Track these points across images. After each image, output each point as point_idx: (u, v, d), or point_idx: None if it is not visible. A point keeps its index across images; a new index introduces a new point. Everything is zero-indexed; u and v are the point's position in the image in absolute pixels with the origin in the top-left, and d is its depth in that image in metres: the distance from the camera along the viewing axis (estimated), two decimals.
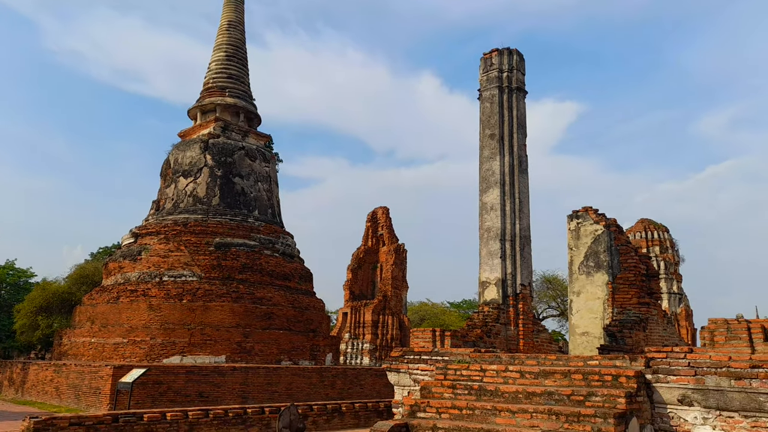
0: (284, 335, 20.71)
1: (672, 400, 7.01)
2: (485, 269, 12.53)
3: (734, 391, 6.55)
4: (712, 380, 6.72)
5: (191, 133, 25.60)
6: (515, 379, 8.04)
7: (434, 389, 8.37)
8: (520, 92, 13.20)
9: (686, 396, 6.89)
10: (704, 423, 6.74)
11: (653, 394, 7.15)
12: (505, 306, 12.02)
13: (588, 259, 13.91)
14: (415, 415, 7.92)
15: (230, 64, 26.26)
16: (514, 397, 7.64)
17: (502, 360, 8.63)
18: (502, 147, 12.80)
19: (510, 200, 12.62)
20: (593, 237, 13.99)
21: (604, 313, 13.09)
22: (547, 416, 6.92)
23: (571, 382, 7.54)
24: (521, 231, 12.63)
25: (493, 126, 12.94)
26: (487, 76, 13.27)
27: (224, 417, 12.42)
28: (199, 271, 20.76)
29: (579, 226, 14.31)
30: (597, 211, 14.37)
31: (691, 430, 6.80)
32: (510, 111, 12.92)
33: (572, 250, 14.25)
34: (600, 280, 13.50)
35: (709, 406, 6.71)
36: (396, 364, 9.97)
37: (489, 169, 12.89)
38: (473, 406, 7.60)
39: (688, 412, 6.87)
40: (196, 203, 22.97)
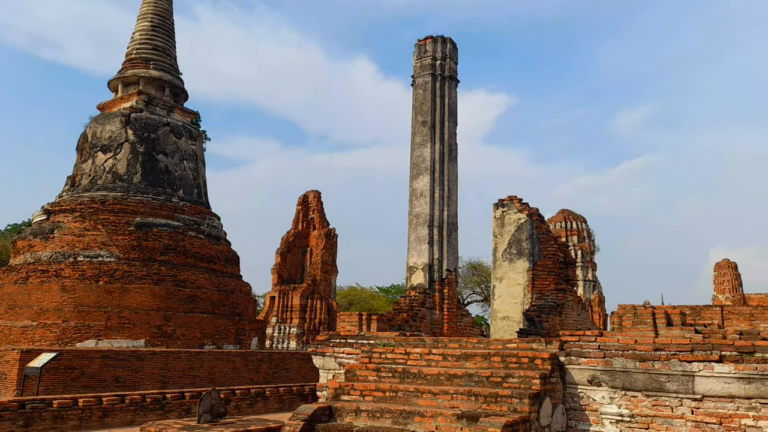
0: (208, 319, 20.18)
1: (582, 381, 7.41)
2: (413, 254, 12.71)
3: (638, 372, 7.01)
4: (619, 362, 7.16)
5: (112, 106, 24.18)
6: (438, 362, 8.23)
7: (359, 372, 8.42)
8: (453, 81, 13.38)
9: (595, 377, 7.30)
10: (611, 402, 7.18)
11: (566, 375, 7.53)
12: (431, 291, 12.26)
13: (511, 247, 14.40)
14: (339, 398, 7.95)
15: (156, 35, 24.95)
16: (437, 379, 7.82)
17: (426, 343, 8.80)
18: (433, 134, 12.95)
19: (439, 187, 12.82)
20: (517, 225, 14.49)
21: (524, 298, 13.64)
22: (467, 397, 7.14)
23: (490, 364, 7.80)
24: (449, 218, 12.88)
25: (426, 113, 13.05)
26: (420, 63, 13.34)
27: (141, 402, 11.98)
28: (118, 251, 19.78)
29: (504, 215, 14.77)
30: (521, 200, 14.89)
31: (599, 408, 7.23)
32: (442, 99, 13.08)
33: (497, 238, 14.71)
34: (521, 267, 14.03)
35: (616, 386, 7.15)
36: (322, 348, 9.95)
37: (420, 155, 13.01)
38: (396, 389, 7.71)
39: (597, 392, 7.29)
40: (116, 180, 21.80)
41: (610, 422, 7.09)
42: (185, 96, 25.82)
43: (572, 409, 7.44)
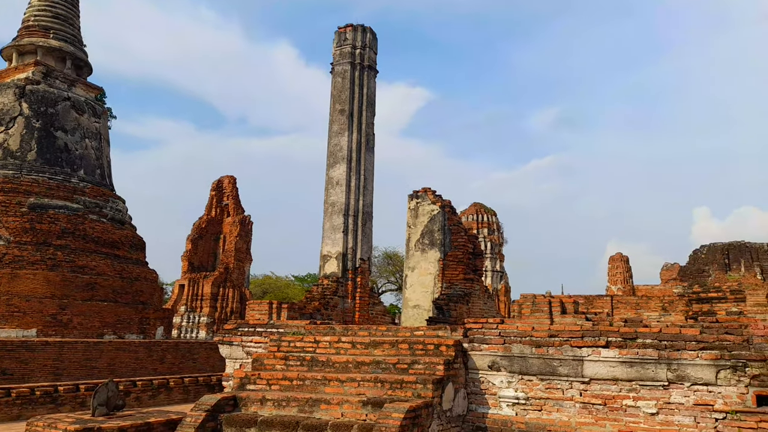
0: (109, 307, 19.09)
1: (483, 366, 7.73)
2: (327, 243, 12.68)
3: (534, 357, 7.41)
4: (517, 348, 7.54)
5: (4, 76, 22.09)
6: (347, 350, 8.28)
7: (266, 361, 8.31)
8: (372, 70, 13.41)
9: (495, 362, 7.65)
10: (509, 386, 7.55)
11: (468, 361, 7.83)
12: (345, 279, 12.30)
13: (424, 237, 14.72)
14: (245, 388, 7.81)
15: (57, 2, 23.08)
16: (345, 367, 7.87)
17: (336, 331, 8.83)
18: (351, 123, 12.94)
19: (356, 176, 12.84)
20: (430, 216, 14.83)
21: (435, 287, 14.01)
22: (374, 384, 7.25)
23: (398, 351, 7.95)
24: (364, 207, 12.95)
25: (344, 101, 13.01)
26: (340, 51, 13.26)
27: (30, 396, 11.18)
28: (8, 234, 18.22)
29: (418, 206, 15.06)
30: (435, 192, 15.23)
31: (498, 392, 7.58)
32: (361, 88, 13.08)
33: (410, 228, 14.98)
34: (433, 257, 14.38)
35: (514, 371, 7.53)
36: (229, 337, 9.71)
37: (337, 144, 12.97)
38: (304, 377, 7.69)
39: (496, 377, 7.64)
40: (7, 157, 20.03)
41: (507, 405, 7.46)
42: (89, 70, 24.11)
43: (473, 393, 7.75)
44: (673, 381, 6.66)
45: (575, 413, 7.07)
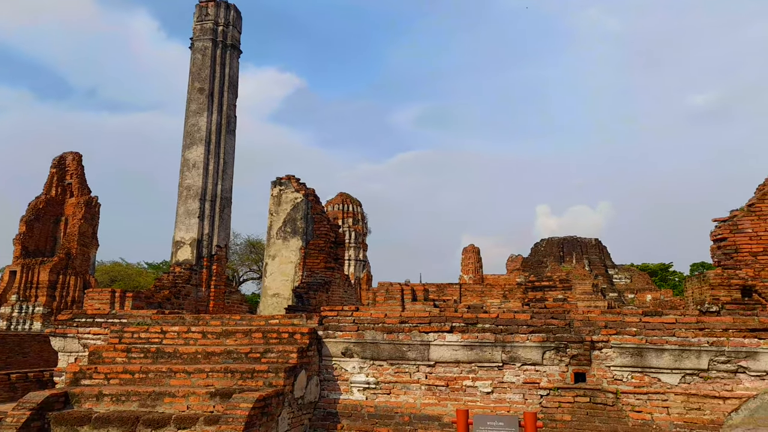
0: None
1: (337, 353, 7.85)
2: (181, 228, 12.01)
3: (385, 343, 7.68)
4: (370, 334, 7.75)
5: None
6: (196, 340, 7.94)
7: (105, 354, 7.69)
8: (235, 50, 12.89)
9: (348, 348, 7.80)
10: (360, 371, 7.75)
11: (322, 348, 7.90)
12: (199, 267, 11.76)
13: (286, 225, 14.55)
14: (79, 383, 7.17)
15: None
16: (193, 358, 7.54)
17: (186, 321, 8.42)
18: (211, 103, 12.35)
19: (214, 159, 12.30)
20: (293, 204, 14.68)
21: (295, 276, 13.92)
22: (224, 374, 7.03)
23: (251, 340, 7.79)
24: (223, 192, 12.46)
25: (204, 80, 12.36)
26: (201, 26, 12.56)
27: None
28: None
29: (281, 193, 14.83)
30: (299, 180, 15.10)
31: (350, 378, 7.75)
32: (222, 68, 12.52)
33: (272, 216, 14.71)
34: (294, 245, 14.27)
35: (366, 356, 7.74)
36: (63, 329, 8.84)
37: (195, 124, 12.31)
38: (148, 369, 7.24)
39: (349, 363, 7.80)
40: None
41: (358, 390, 7.65)
42: None
43: (326, 380, 7.84)
44: (506, 362, 7.28)
45: (421, 395, 7.45)
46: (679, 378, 6.67)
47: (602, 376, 6.97)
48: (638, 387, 6.78)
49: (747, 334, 6.53)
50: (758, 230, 10.42)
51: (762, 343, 6.43)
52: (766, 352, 6.41)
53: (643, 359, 6.82)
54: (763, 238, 10.41)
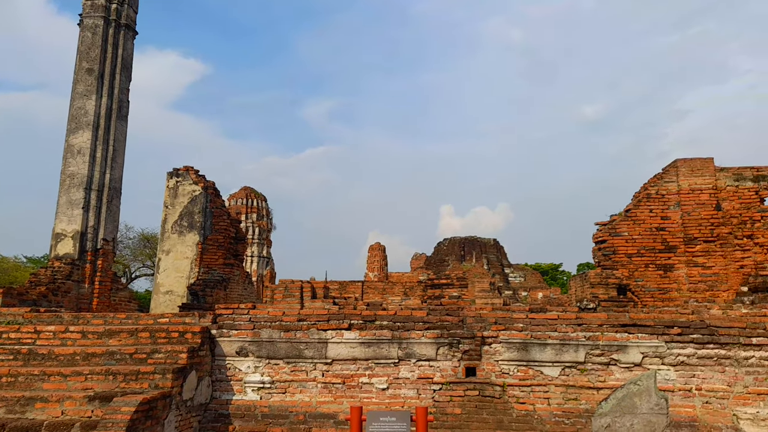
0: None
1: (231, 353, 7.60)
2: (62, 220, 11.08)
3: (282, 341, 7.54)
4: (267, 333, 7.58)
5: None
6: (75, 341, 7.37)
7: None
8: (130, 30, 12.09)
9: (244, 348, 7.58)
10: (255, 371, 7.55)
11: (216, 347, 7.61)
12: (82, 262, 10.91)
13: (183, 219, 13.90)
14: None
15: None
16: (71, 360, 6.99)
17: (64, 320, 7.79)
18: (100, 86, 11.49)
19: (102, 146, 11.46)
20: (191, 197, 14.05)
21: (191, 272, 13.34)
22: (104, 377, 6.57)
23: (137, 340, 7.34)
24: (112, 182, 11.65)
25: (93, 60, 11.48)
26: (92, 2, 11.64)
27: None
28: None
29: (178, 185, 14.15)
30: (198, 171, 14.48)
31: (244, 378, 7.53)
32: (115, 48, 11.69)
33: (168, 208, 14.00)
34: (191, 240, 13.67)
35: (262, 355, 7.55)
36: None
37: (82, 107, 11.40)
38: (17, 373, 6.62)
39: (243, 362, 7.58)
40: None
41: (252, 390, 7.46)
42: None
43: (219, 380, 7.57)
44: (402, 358, 7.40)
45: (317, 393, 7.39)
46: (559, 370, 7.12)
47: (491, 370, 7.29)
48: (523, 380, 7.15)
49: (619, 330, 7.09)
50: (633, 234, 11.38)
51: (631, 337, 7.01)
52: (635, 346, 6.99)
53: (528, 353, 7.20)
54: (637, 241, 11.38)
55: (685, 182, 11.18)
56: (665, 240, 11.18)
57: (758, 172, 11.06)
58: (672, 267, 11.09)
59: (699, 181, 11.13)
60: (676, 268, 11.07)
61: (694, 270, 10.89)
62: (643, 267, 11.21)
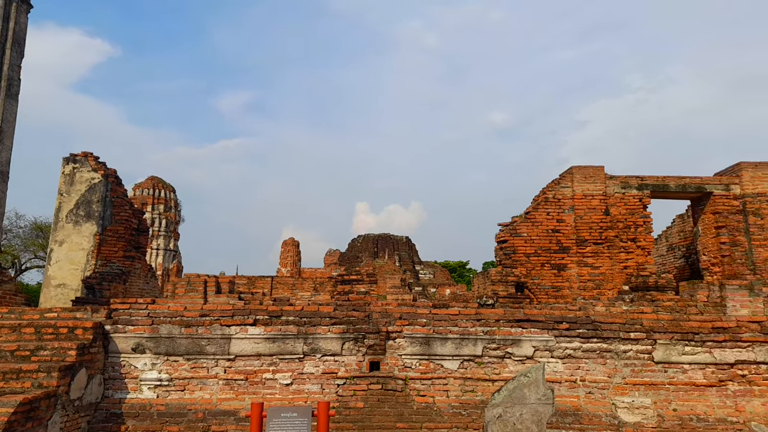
0: None
1: (127, 349, 7.26)
2: None
3: (183, 337, 7.31)
4: (166, 329, 7.32)
5: None
6: None
7: None
8: (24, 3, 11.15)
9: (140, 344, 7.27)
10: (152, 368, 7.27)
11: (110, 344, 7.25)
12: None
13: (79, 208, 13.06)
14: None
15: None
16: None
17: None
18: None
19: None
20: (89, 185, 13.23)
21: (87, 264, 12.56)
22: None
23: (19, 336, 6.84)
24: None
25: None
26: None
27: None
28: None
29: (75, 172, 13.28)
30: (98, 158, 13.66)
31: (140, 375, 7.22)
32: (5, 21, 10.73)
33: (63, 196, 13.10)
34: (88, 231, 12.88)
35: (160, 352, 7.28)
36: None
37: None
38: None
39: (140, 359, 7.27)
40: None
41: (148, 388, 7.17)
42: None
43: (112, 378, 7.21)
44: (307, 353, 7.41)
45: (218, 390, 7.24)
46: (458, 364, 7.43)
47: (394, 364, 7.47)
48: (424, 373, 7.39)
49: (514, 325, 7.50)
50: (532, 235, 12.06)
51: (525, 332, 7.45)
52: (528, 340, 7.43)
53: (430, 348, 7.45)
54: (535, 242, 12.06)
55: (579, 188, 11.99)
56: (560, 241, 11.94)
57: (642, 181, 12.08)
58: (565, 266, 11.86)
59: (591, 187, 11.98)
60: (568, 267, 11.85)
61: (584, 270, 11.71)
62: (539, 266, 11.91)
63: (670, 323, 7.40)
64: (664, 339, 7.33)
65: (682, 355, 7.31)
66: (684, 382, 7.26)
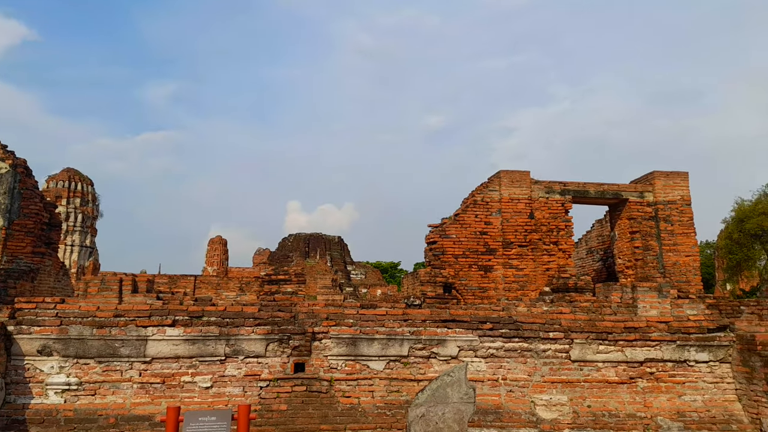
0: None
1: (32, 351, 6.77)
2: None
3: (95, 339, 6.88)
4: (76, 330, 6.87)
5: None
6: None
7: None
8: None
9: (47, 346, 6.79)
10: (60, 372, 6.80)
11: (12, 346, 6.73)
12: None
13: None
14: None
15: None
16: None
17: None
18: None
19: None
20: None
21: None
22: None
23: None
24: None
25: None
26: None
27: None
28: None
29: None
30: (6, 147, 12.69)
31: (46, 379, 6.75)
32: None
33: None
34: None
35: (69, 354, 6.83)
36: None
37: None
38: None
39: (46, 362, 6.79)
40: None
41: (54, 392, 6.71)
42: None
43: (15, 382, 6.70)
44: (229, 355, 7.17)
45: (132, 394, 6.87)
46: (384, 364, 7.42)
47: (320, 366, 7.37)
48: (350, 374, 7.34)
49: (440, 325, 7.59)
50: (460, 236, 12.29)
51: (450, 332, 7.55)
52: (453, 340, 7.54)
53: (356, 348, 7.41)
54: (464, 243, 12.30)
55: (506, 192, 12.34)
56: (487, 243, 12.24)
57: (564, 187, 12.59)
58: (491, 268, 12.17)
59: (517, 191, 12.37)
60: (495, 268, 12.17)
61: (510, 271, 12.07)
62: (467, 267, 12.15)
63: (586, 323, 7.73)
64: (580, 338, 7.65)
65: (596, 353, 7.65)
66: (598, 379, 7.60)
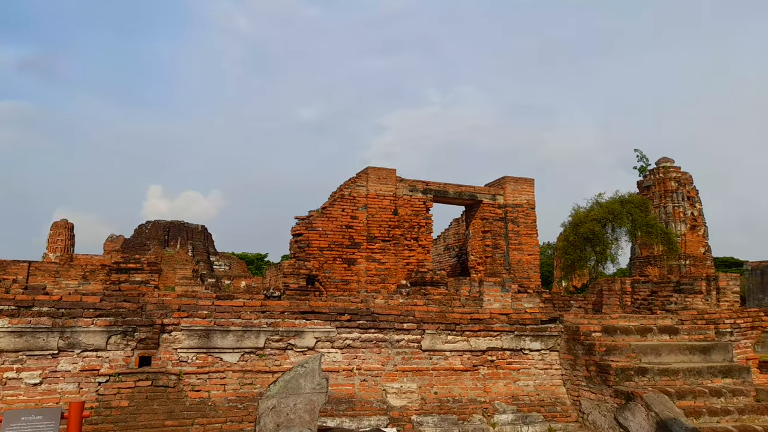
0: None
1: None
2: None
3: None
4: None
5: None
6: None
7: None
8: None
9: None
10: None
11: None
12: None
13: None
14: None
15: None
16: None
17: None
18: None
19: None
20: None
21: None
22: None
23: None
24: None
25: None
26: None
27: None
28: None
29: None
30: None
31: None
32: None
33: None
34: None
35: None
36: None
37: None
38: None
39: None
40: None
41: None
42: None
43: None
44: (63, 349, 6.56)
45: None
46: (239, 356, 7.25)
47: (168, 359, 7.00)
48: (201, 367, 7.06)
49: (298, 316, 7.57)
50: (327, 229, 12.35)
51: (308, 323, 7.56)
52: (311, 331, 7.56)
53: (209, 340, 7.14)
54: (329, 236, 12.38)
55: (373, 188, 12.63)
56: (352, 237, 12.44)
57: (427, 186, 13.18)
58: (355, 261, 12.39)
59: (383, 188, 12.71)
60: (358, 262, 12.41)
61: (372, 265, 12.38)
62: (332, 260, 12.26)
63: (437, 315, 8.17)
64: (431, 329, 8.06)
65: (445, 343, 8.11)
66: (445, 367, 8.07)
